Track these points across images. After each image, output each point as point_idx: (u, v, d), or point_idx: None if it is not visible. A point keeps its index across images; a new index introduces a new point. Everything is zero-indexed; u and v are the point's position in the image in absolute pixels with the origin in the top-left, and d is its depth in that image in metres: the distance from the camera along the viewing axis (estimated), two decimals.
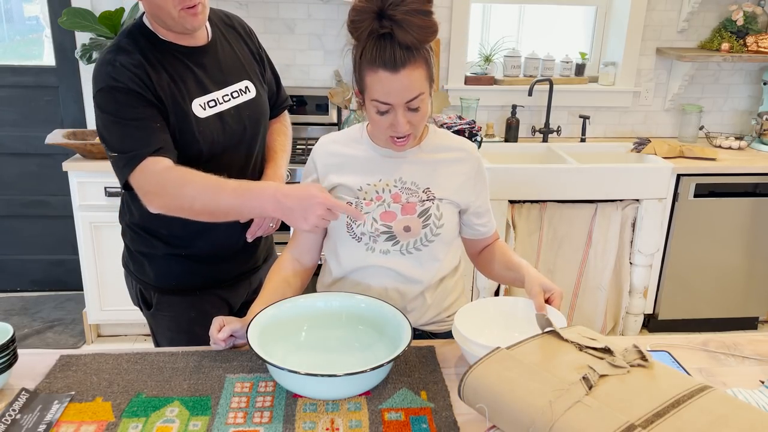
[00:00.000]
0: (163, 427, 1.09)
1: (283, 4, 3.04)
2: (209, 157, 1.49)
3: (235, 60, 1.57)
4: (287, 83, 3.15)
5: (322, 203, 1.26)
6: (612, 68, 3.32)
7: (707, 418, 0.87)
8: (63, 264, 3.39)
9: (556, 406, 0.90)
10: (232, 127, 1.53)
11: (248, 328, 1.21)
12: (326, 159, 1.44)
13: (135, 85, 1.38)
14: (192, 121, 1.45)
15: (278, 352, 1.24)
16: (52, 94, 3.13)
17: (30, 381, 1.21)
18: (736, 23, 3.18)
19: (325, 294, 1.39)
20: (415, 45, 1.23)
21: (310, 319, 1.34)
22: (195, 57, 1.49)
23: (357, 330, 1.34)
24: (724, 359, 1.35)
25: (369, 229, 1.39)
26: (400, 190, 1.40)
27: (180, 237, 1.55)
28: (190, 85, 1.47)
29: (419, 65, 1.25)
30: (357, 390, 1.15)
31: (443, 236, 1.41)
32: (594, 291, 2.86)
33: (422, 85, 1.27)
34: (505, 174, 2.67)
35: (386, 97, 1.26)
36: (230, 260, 1.64)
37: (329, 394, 1.15)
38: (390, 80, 1.24)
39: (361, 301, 1.35)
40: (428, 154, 1.42)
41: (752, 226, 3.01)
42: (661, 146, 3.04)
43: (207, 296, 1.61)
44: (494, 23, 3.39)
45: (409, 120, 1.30)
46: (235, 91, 1.55)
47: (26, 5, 3.19)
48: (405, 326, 1.24)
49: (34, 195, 3.28)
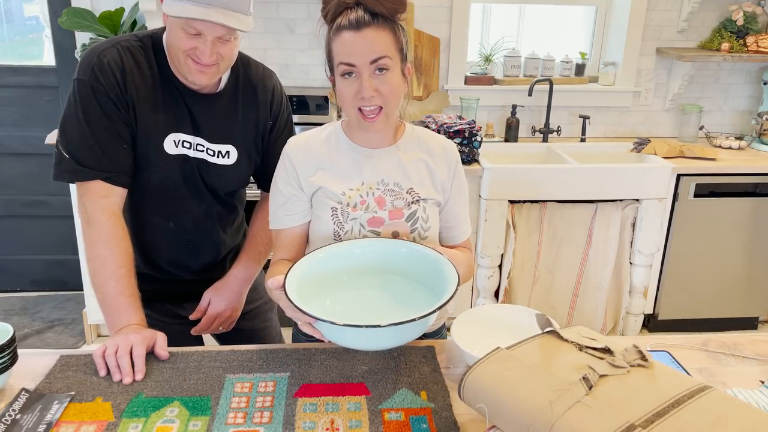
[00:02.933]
0: (163, 427, 1.09)
1: (283, 4, 3.04)
2: (160, 194, 1.45)
3: (231, 122, 1.47)
4: (287, 83, 3.15)
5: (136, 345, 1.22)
6: (612, 68, 3.32)
7: (707, 418, 0.87)
8: (63, 264, 3.39)
9: (556, 406, 0.90)
10: (192, 179, 1.46)
11: (285, 282, 1.17)
12: (304, 160, 1.37)
13: (114, 94, 1.34)
14: (157, 152, 1.40)
15: (319, 305, 1.22)
16: (52, 94, 3.13)
17: (30, 381, 1.21)
18: (736, 23, 3.18)
19: (363, 240, 1.33)
20: (382, 13, 1.23)
21: (347, 271, 1.31)
22: (192, 99, 1.43)
23: (397, 281, 1.31)
24: (724, 359, 1.35)
25: (357, 237, 1.35)
26: (383, 193, 1.36)
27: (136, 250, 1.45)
28: (173, 118, 1.41)
29: (385, 30, 1.24)
30: (400, 341, 1.16)
31: (430, 239, 1.39)
32: (594, 291, 2.86)
33: (388, 49, 1.25)
34: (505, 174, 2.67)
35: (349, 57, 1.24)
36: (173, 282, 1.58)
37: (372, 345, 1.16)
38: (353, 39, 1.23)
39: (402, 246, 1.31)
40: (407, 153, 1.39)
41: (752, 226, 3.01)
42: (661, 146, 3.04)
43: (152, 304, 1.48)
44: (494, 23, 3.39)
45: (377, 87, 1.25)
46: (211, 150, 1.46)
47: (26, 5, 3.19)
48: (450, 273, 1.21)
49: (34, 195, 3.28)
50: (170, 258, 1.56)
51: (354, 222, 1.35)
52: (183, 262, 1.57)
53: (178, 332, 1.50)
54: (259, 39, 3.08)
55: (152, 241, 1.52)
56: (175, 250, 1.55)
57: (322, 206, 1.36)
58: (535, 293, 2.84)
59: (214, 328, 1.56)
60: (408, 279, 1.31)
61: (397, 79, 1.28)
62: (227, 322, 1.57)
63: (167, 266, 1.57)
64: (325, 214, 1.35)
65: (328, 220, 1.35)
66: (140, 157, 1.40)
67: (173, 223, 1.51)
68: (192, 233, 1.53)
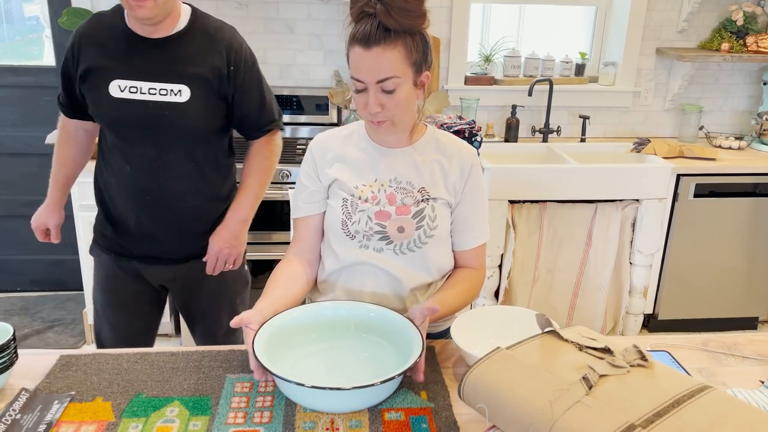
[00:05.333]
0: (163, 427, 1.09)
1: (283, 4, 3.04)
2: (115, 136, 1.64)
3: (184, 63, 1.59)
4: (287, 83, 3.15)
5: None
6: (612, 68, 3.32)
7: (707, 418, 0.87)
8: (63, 264, 3.39)
9: (556, 406, 0.90)
10: (141, 119, 1.59)
11: (254, 338, 1.17)
12: (323, 154, 1.44)
13: (70, 53, 1.63)
14: (102, 96, 1.59)
15: (285, 363, 1.21)
16: (52, 94, 3.13)
17: (30, 381, 1.21)
18: (736, 23, 3.18)
19: (333, 302, 1.35)
20: (394, 27, 1.22)
21: (318, 328, 1.31)
22: (146, 45, 1.58)
23: (365, 340, 1.30)
24: (724, 359, 1.35)
25: (363, 228, 1.38)
26: (395, 190, 1.39)
27: (106, 193, 1.73)
28: (118, 65, 1.58)
29: (396, 47, 1.23)
30: (365, 404, 1.11)
31: (437, 238, 1.40)
32: (594, 291, 2.86)
33: (396, 68, 1.24)
34: (505, 174, 2.67)
35: (358, 73, 1.26)
36: (140, 237, 1.72)
37: (336, 408, 1.11)
38: (362, 56, 1.24)
39: (370, 310, 1.32)
40: (423, 154, 1.41)
41: (752, 226, 3.01)
42: (661, 146, 3.04)
43: (121, 261, 1.75)
44: (494, 23, 3.39)
45: (383, 102, 1.27)
46: (164, 89, 1.59)
47: (26, 5, 3.19)
48: (416, 337, 1.19)
49: (34, 195, 3.26)
50: (132, 208, 1.69)
51: (362, 214, 1.38)
52: (145, 218, 1.69)
53: (134, 292, 1.78)
54: (259, 39, 3.08)
55: (114, 185, 1.69)
56: (134, 200, 1.68)
57: (335, 196, 1.42)
58: (535, 293, 2.84)
59: (220, 268, 1.75)
60: (377, 338, 1.30)
61: (406, 93, 1.29)
62: (231, 260, 1.76)
63: (134, 225, 1.71)
64: (336, 204, 1.41)
65: (338, 210, 1.40)
66: (91, 99, 1.63)
67: (129, 167, 1.65)
68: (146, 181, 1.65)
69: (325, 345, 1.29)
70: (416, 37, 1.26)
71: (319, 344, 1.29)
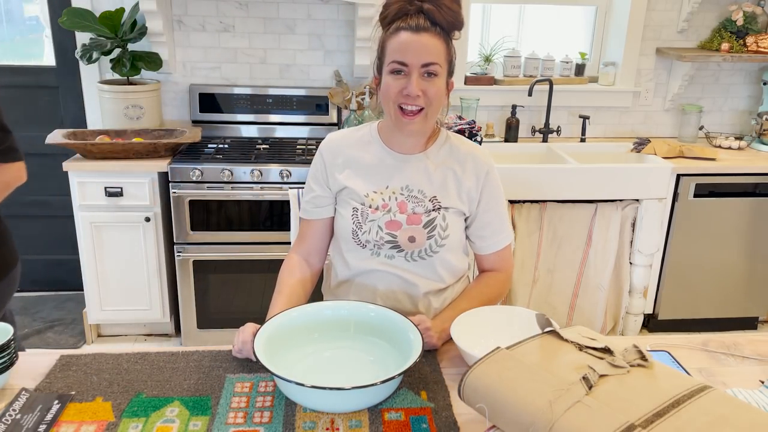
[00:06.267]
0: (163, 427, 1.09)
1: (283, 4, 3.04)
2: None
3: None
4: (287, 83, 3.15)
5: None
6: (612, 68, 3.32)
7: (707, 418, 0.87)
8: (63, 264, 3.39)
9: (556, 406, 0.90)
10: None
11: (254, 338, 1.18)
12: (334, 157, 1.43)
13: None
14: None
15: (285, 363, 1.21)
16: (52, 94, 3.13)
17: (30, 381, 1.21)
18: (736, 23, 3.18)
19: (333, 302, 1.35)
20: (442, 25, 1.29)
21: (318, 328, 1.31)
22: None
23: (366, 340, 1.30)
24: (724, 359, 1.35)
25: (374, 237, 1.38)
26: (406, 199, 1.39)
27: None
28: None
29: (441, 40, 1.31)
30: (365, 404, 1.11)
31: (449, 246, 1.40)
32: (594, 291, 2.86)
33: (440, 56, 1.30)
34: (505, 174, 2.65)
35: (403, 55, 1.29)
36: None
37: (336, 408, 1.11)
38: (410, 40, 1.28)
39: (370, 310, 1.32)
40: (436, 161, 1.41)
41: (752, 226, 3.01)
42: (660, 146, 3.04)
43: None
44: (494, 23, 3.39)
45: (424, 88, 1.30)
46: None
47: (26, 5, 3.19)
48: (416, 338, 1.20)
49: (34, 195, 3.28)
50: None
51: (372, 223, 1.38)
52: None
53: None
54: (259, 39, 3.08)
55: None
56: None
57: (345, 205, 1.41)
58: (535, 293, 2.84)
59: None
60: (377, 338, 1.30)
61: (443, 86, 1.33)
62: None
63: None
64: (346, 212, 1.41)
65: (348, 219, 1.40)
66: None
67: None
68: None
69: (325, 345, 1.30)
70: (451, 43, 1.34)
71: (319, 344, 1.29)
